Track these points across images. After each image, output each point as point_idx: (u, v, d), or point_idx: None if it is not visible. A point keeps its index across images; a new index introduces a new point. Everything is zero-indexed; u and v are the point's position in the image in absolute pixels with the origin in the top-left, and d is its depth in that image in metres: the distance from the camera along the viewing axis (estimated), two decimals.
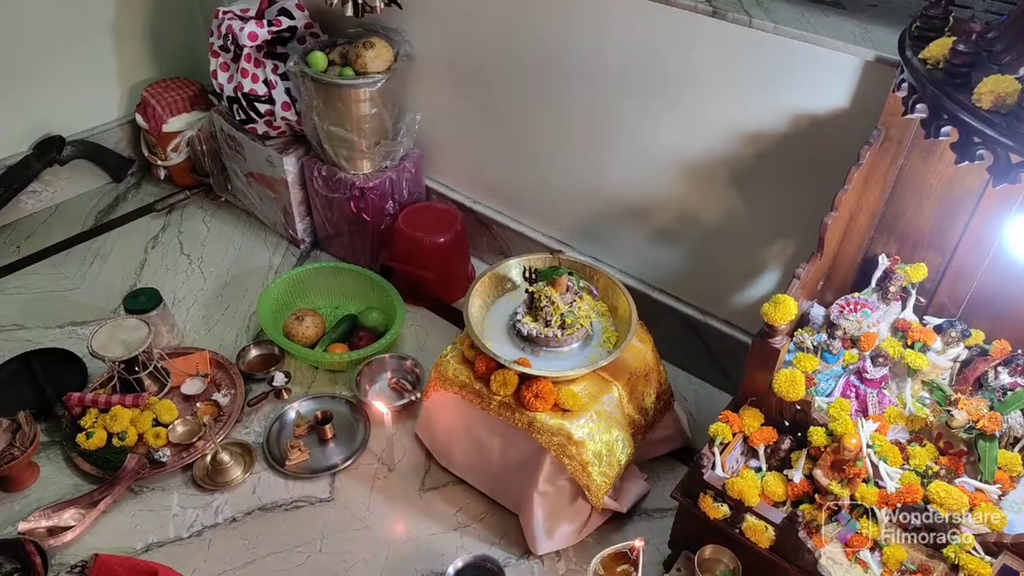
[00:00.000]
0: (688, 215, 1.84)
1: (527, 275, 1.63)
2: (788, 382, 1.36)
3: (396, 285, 2.15)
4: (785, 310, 1.30)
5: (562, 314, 1.57)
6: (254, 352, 2.05)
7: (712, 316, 1.93)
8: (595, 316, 1.68)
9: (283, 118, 2.18)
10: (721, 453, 1.39)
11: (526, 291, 1.62)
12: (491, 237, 2.31)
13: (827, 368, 1.47)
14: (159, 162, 2.60)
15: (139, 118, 2.56)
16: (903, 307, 1.52)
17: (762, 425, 1.43)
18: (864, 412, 1.44)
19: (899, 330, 1.50)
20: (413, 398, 1.89)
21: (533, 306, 1.61)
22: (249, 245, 2.45)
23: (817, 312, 1.58)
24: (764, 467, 1.42)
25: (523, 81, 1.94)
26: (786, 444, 1.41)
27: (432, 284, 2.20)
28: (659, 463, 1.81)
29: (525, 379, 1.53)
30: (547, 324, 1.58)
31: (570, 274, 1.61)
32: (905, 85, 1.17)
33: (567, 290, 1.60)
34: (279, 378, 1.94)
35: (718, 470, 1.37)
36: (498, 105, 2.05)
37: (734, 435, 1.41)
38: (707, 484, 1.36)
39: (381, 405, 1.70)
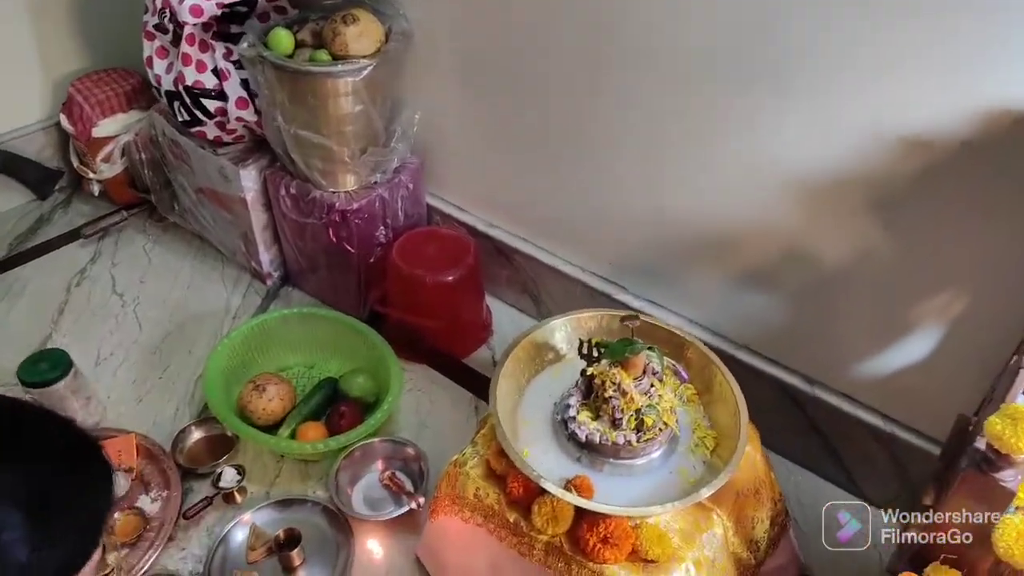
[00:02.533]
0: (796, 252, 1.32)
1: (584, 350, 1.10)
2: (1022, 542, 0.85)
3: (387, 335, 1.62)
4: None
5: (638, 410, 1.05)
6: (197, 435, 1.52)
7: (823, 387, 1.41)
8: (680, 404, 1.16)
9: (239, 118, 1.65)
10: None
11: (582, 373, 1.11)
12: (512, 270, 1.79)
13: None
14: (91, 175, 2.07)
15: (64, 120, 2.03)
16: None
17: None
18: None
19: None
20: (413, 506, 1.36)
21: (593, 395, 1.09)
22: (201, 281, 1.92)
23: None
24: None
25: (560, 65, 1.43)
26: None
27: (436, 335, 1.68)
28: None
29: (586, 512, 1.01)
30: (615, 424, 1.06)
31: (649, 349, 1.09)
32: None
33: (643, 372, 1.08)
34: (228, 476, 1.40)
35: None
36: (525, 98, 1.53)
37: None
38: None
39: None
